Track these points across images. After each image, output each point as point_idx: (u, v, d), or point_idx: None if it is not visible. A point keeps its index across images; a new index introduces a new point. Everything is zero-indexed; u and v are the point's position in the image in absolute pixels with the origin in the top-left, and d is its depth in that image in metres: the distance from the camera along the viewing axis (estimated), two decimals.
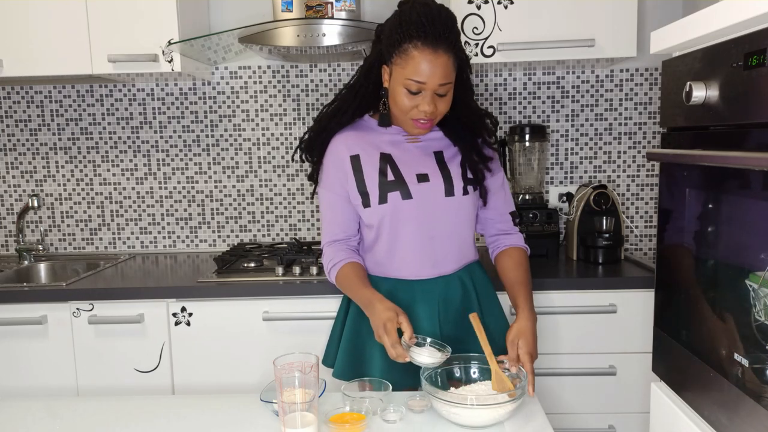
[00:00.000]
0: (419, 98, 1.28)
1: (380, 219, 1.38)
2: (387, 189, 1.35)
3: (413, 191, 1.35)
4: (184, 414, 1.20)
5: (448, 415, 1.12)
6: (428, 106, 1.28)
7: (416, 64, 1.25)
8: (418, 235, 1.37)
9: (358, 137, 1.41)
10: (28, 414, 1.23)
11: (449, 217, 1.38)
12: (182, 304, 1.80)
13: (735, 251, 1.07)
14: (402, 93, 1.29)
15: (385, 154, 1.38)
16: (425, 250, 1.38)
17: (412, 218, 1.36)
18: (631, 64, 2.21)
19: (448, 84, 1.28)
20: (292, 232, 2.38)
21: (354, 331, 1.44)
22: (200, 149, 2.34)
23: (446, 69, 1.26)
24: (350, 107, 1.40)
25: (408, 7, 1.29)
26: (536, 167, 2.17)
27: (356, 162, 1.38)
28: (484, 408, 1.09)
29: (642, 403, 1.80)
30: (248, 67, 2.28)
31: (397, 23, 1.27)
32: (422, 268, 1.40)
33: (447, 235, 1.39)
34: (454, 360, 1.25)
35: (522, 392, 1.13)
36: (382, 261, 1.42)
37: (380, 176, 1.36)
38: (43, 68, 1.97)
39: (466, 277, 1.44)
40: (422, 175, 1.36)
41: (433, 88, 1.27)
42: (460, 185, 1.37)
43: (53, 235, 2.41)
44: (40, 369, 1.84)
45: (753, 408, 0.97)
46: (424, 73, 1.25)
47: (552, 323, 1.79)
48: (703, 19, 1.05)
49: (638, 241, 2.31)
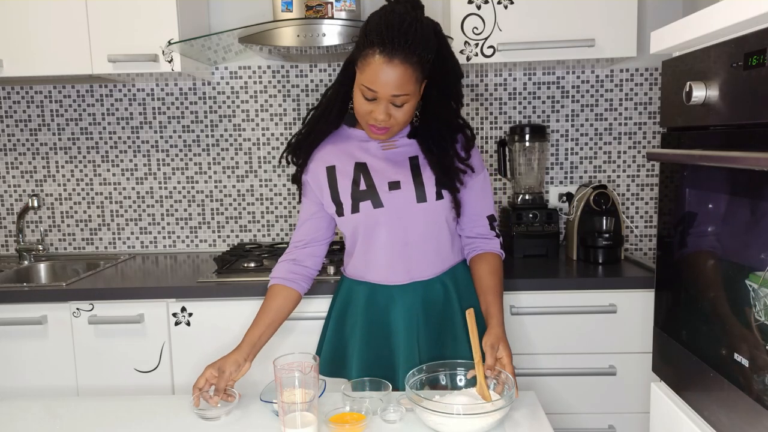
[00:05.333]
0: (374, 105, 1.26)
1: (354, 227, 1.38)
2: (359, 198, 1.35)
3: (384, 199, 1.34)
4: (184, 414, 1.20)
5: (434, 425, 1.09)
6: (381, 114, 1.25)
7: (371, 72, 1.22)
8: (390, 243, 1.36)
9: (335, 148, 1.40)
10: (28, 414, 1.23)
11: (423, 223, 1.36)
12: (182, 304, 1.80)
13: (735, 251, 1.07)
14: (359, 97, 1.27)
15: (360, 163, 1.37)
16: (399, 257, 1.37)
17: (384, 226, 1.35)
18: (631, 64, 2.21)
19: (403, 95, 1.24)
20: (292, 232, 2.37)
21: (336, 328, 1.46)
22: (200, 149, 2.34)
23: (401, 80, 1.22)
24: (335, 106, 1.38)
25: (378, 11, 1.26)
26: (536, 167, 2.17)
27: (332, 172, 1.38)
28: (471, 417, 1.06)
29: (642, 403, 1.80)
30: (248, 67, 2.28)
31: (364, 27, 1.25)
32: (395, 275, 1.39)
33: (422, 241, 1.37)
34: (439, 367, 1.24)
35: (510, 399, 1.10)
36: (359, 266, 1.43)
37: (353, 186, 1.36)
38: (43, 68, 1.97)
39: (449, 280, 1.43)
40: (394, 182, 1.35)
41: (386, 97, 1.24)
42: (432, 190, 1.35)
43: (53, 235, 2.41)
44: (40, 369, 1.84)
45: (753, 408, 0.97)
46: (377, 82, 1.22)
47: (552, 323, 1.79)
48: (703, 19, 1.05)
49: (638, 241, 2.31)
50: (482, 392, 1.15)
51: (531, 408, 1.19)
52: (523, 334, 1.80)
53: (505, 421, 1.13)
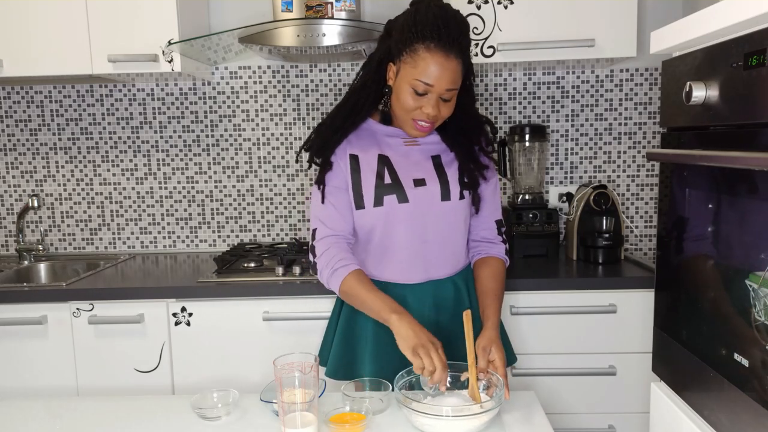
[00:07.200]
0: (424, 100, 1.27)
1: (373, 222, 1.36)
2: (383, 192, 1.34)
3: (410, 195, 1.34)
4: (184, 414, 1.20)
5: (421, 426, 1.08)
6: (432, 109, 1.27)
7: (426, 66, 1.23)
8: (410, 240, 1.36)
9: (358, 138, 1.39)
10: (28, 414, 1.23)
11: (444, 221, 1.37)
12: (182, 304, 1.80)
13: (735, 251, 1.07)
14: (408, 92, 1.28)
15: (383, 156, 1.37)
16: (417, 254, 1.37)
17: (406, 222, 1.35)
18: (631, 64, 2.21)
19: (454, 90, 1.28)
20: (292, 232, 2.38)
21: (346, 331, 1.44)
22: (200, 149, 2.34)
23: (455, 74, 1.25)
24: (365, 105, 1.37)
25: (424, 6, 1.27)
26: (536, 167, 2.17)
27: (354, 162, 1.37)
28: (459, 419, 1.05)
29: (642, 403, 1.80)
30: (248, 67, 2.28)
31: (411, 22, 1.25)
32: (413, 273, 1.39)
33: (440, 240, 1.38)
34: None
35: (499, 401, 1.10)
36: (372, 263, 1.40)
37: (377, 179, 1.35)
38: (43, 68, 1.97)
39: (461, 281, 1.43)
40: (419, 179, 1.35)
41: (440, 92, 1.26)
42: (456, 189, 1.36)
43: (53, 235, 2.41)
44: (40, 369, 1.84)
45: (753, 408, 0.97)
46: (433, 76, 1.24)
47: (552, 323, 1.79)
48: (703, 19, 1.05)
49: (638, 241, 2.31)
50: (473, 394, 1.15)
51: (531, 408, 1.19)
52: (523, 334, 1.80)
53: (505, 421, 1.13)
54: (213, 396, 1.22)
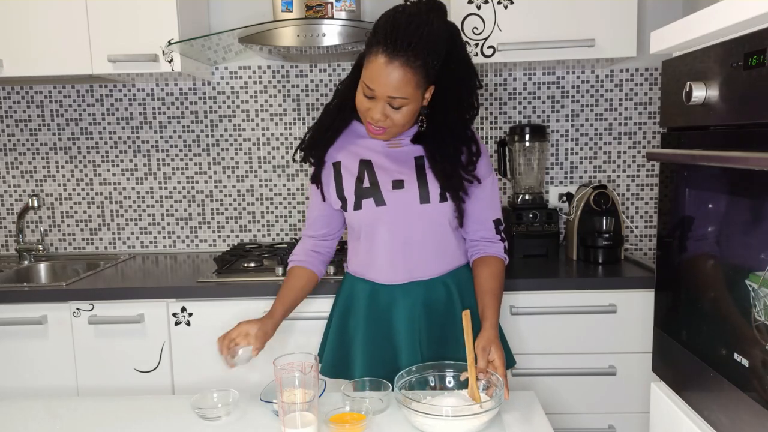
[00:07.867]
0: (372, 103, 1.26)
1: (357, 224, 1.39)
2: (362, 195, 1.35)
3: (387, 198, 1.34)
4: (184, 414, 1.20)
5: (421, 426, 1.08)
6: (377, 114, 1.25)
7: (371, 70, 1.22)
8: (391, 242, 1.36)
9: (342, 144, 1.40)
10: (28, 414, 1.23)
11: (425, 223, 1.36)
12: (182, 304, 1.80)
13: (735, 251, 1.07)
14: (360, 93, 1.27)
15: (365, 160, 1.37)
16: (399, 256, 1.37)
17: (386, 225, 1.35)
18: (631, 64, 2.21)
19: (401, 98, 1.23)
20: (292, 232, 2.38)
21: (339, 329, 1.46)
22: (200, 149, 2.34)
23: (400, 82, 1.21)
24: (349, 102, 1.36)
25: (391, 11, 1.25)
26: (536, 167, 2.17)
27: (337, 168, 1.39)
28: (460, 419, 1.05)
29: (642, 403, 1.80)
30: (248, 67, 2.28)
31: (374, 25, 1.25)
32: (396, 274, 1.39)
33: (423, 242, 1.37)
34: (428, 368, 1.24)
35: (499, 401, 1.10)
36: (362, 263, 1.43)
37: (357, 182, 1.36)
38: (43, 68, 1.97)
39: (452, 281, 1.42)
40: (398, 181, 1.34)
41: (383, 98, 1.23)
42: (436, 192, 1.34)
43: (53, 235, 2.41)
44: (40, 369, 1.84)
45: (753, 408, 0.97)
46: (375, 80, 1.22)
47: (552, 323, 1.79)
48: (703, 19, 1.05)
49: (638, 241, 2.31)
50: (473, 394, 1.15)
51: (530, 408, 1.19)
52: (522, 334, 1.80)
53: (505, 421, 1.13)
54: (213, 396, 1.22)
